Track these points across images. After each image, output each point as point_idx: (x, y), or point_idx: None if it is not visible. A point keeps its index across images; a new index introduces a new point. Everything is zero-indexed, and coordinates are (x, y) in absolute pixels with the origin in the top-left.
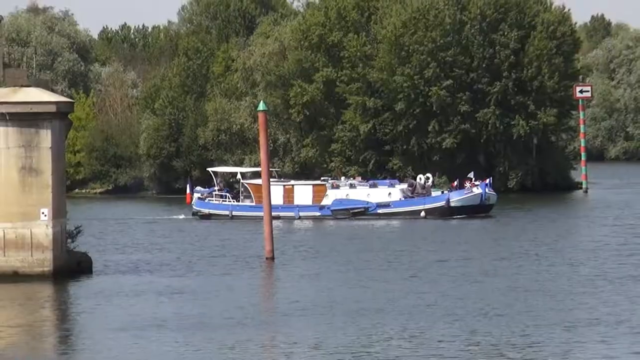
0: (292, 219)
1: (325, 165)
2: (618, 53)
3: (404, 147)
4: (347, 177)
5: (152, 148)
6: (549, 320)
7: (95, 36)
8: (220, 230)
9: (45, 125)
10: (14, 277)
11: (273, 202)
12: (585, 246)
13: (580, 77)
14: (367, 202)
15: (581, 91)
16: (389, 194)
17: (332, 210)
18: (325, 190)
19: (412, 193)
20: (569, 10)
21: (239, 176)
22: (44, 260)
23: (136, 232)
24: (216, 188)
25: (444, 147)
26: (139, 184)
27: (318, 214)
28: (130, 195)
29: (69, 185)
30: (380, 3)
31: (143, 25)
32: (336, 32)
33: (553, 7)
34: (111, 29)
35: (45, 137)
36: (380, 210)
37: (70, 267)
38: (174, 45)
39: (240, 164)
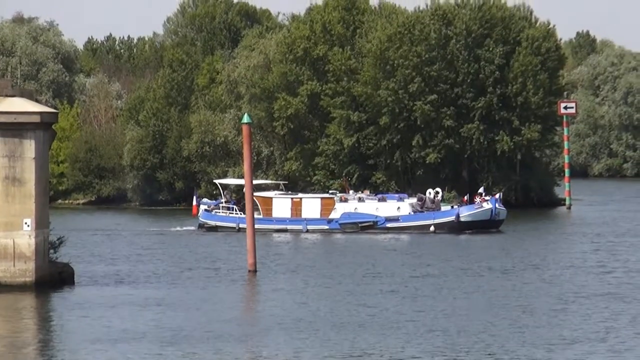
0: (299, 232)
1: (308, 179)
2: (603, 70)
3: (388, 161)
4: (356, 190)
5: (136, 159)
6: (529, 337)
7: (80, 47)
8: (220, 242)
9: (29, 136)
10: None
11: (281, 216)
12: (567, 263)
13: (565, 93)
14: (376, 216)
15: (566, 107)
16: (398, 208)
17: (340, 224)
18: (334, 204)
19: (421, 207)
20: (554, 26)
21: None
22: (26, 271)
23: (127, 243)
24: (223, 200)
25: (427, 161)
26: (122, 195)
27: (326, 227)
28: (113, 207)
29: (52, 196)
30: (366, 17)
31: (128, 37)
32: (321, 45)
33: (538, 23)
34: (96, 39)
35: (29, 147)
36: (389, 225)
37: (52, 277)
38: (158, 56)
39: (224, 176)
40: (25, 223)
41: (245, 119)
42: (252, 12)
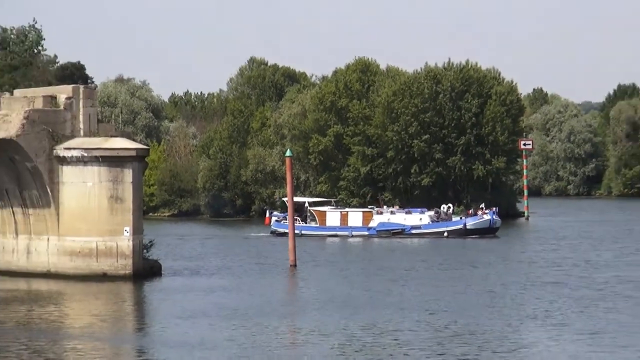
0: (346, 237)
1: (334, 197)
2: (552, 116)
3: (393, 184)
4: (388, 206)
5: (207, 183)
6: (496, 315)
7: (166, 100)
8: (282, 245)
9: (128, 166)
10: (103, 277)
11: (332, 224)
12: (525, 259)
13: (524, 133)
14: (404, 225)
15: (524, 144)
16: (420, 219)
17: (377, 231)
18: (372, 216)
19: (437, 218)
20: (516, 83)
21: (306, 204)
22: (125, 265)
23: (203, 245)
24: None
25: (422, 184)
26: (196, 209)
27: (366, 233)
28: (190, 218)
29: (144, 210)
30: (377, 77)
31: (201, 92)
32: (344, 98)
33: (504, 81)
34: (177, 94)
35: (128, 174)
36: (413, 231)
37: (145, 270)
38: (223, 107)
39: (272, 196)
40: (125, 230)
41: (288, 153)
42: (293, 74)
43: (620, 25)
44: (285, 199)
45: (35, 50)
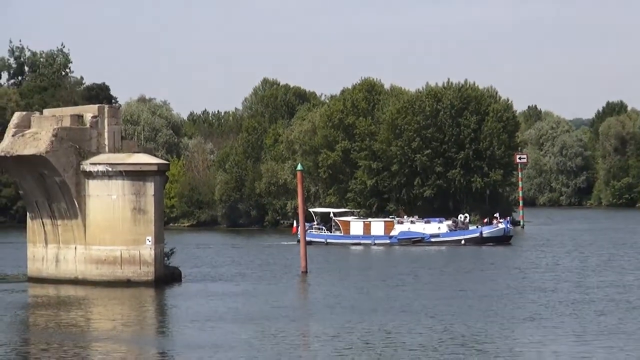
0: (369, 245)
1: (343, 208)
2: (545, 132)
3: (397, 195)
4: (409, 216)
5: (224, 195)
6: (491, 315)
7: (185, 118)
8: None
9: (150, 180)
10: (127, 283)
11: (356, 233)
12: (520, 265)
13: (519, 148)
14: (423, 234)
15: (520, 158)
16: (439, 227)
17: (398, 239)
18: (393, 225)
19: (455, 227)
20: (511, 101)
21: (331, 215)
22: (148, 272)
23: (219, 254)
24: (315, 223)
25: (425, 196)
26: (214, 220)
27: (388, 241)
28: (208, 228)
29: (165, 221)
30: (381, 96)
31: (218, 111)
32: (351, 116)
33: (501, 99)
34: (196, 113)
35: (150, 187)
36: (432, 239)
37: (166, 277)
38: (238, 124)
39: (284, 207)
40: (148, 239)
41: (299, 167)
42: (303, 93)
43: (608, 46)
44: (312, 209)
45: (63, 73)
